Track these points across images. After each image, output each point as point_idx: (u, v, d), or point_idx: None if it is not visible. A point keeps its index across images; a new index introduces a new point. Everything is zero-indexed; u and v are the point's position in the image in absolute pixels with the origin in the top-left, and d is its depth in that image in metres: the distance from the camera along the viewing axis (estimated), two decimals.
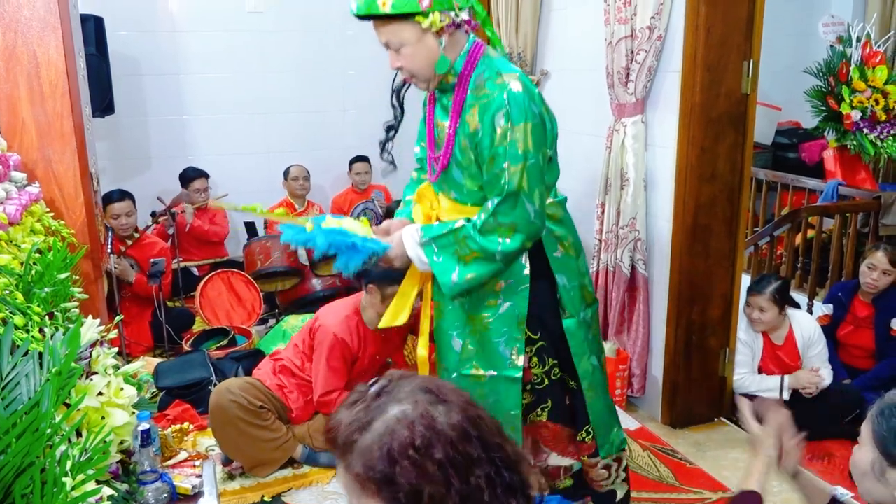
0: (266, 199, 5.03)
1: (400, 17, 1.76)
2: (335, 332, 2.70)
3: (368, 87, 5.44)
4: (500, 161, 1.77)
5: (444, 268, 1.87)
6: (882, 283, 3.31)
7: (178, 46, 5.01)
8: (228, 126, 5.20)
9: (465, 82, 1.85)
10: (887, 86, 4.44)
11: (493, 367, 1.99)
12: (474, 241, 1.83)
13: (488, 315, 1.96)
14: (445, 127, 1.90)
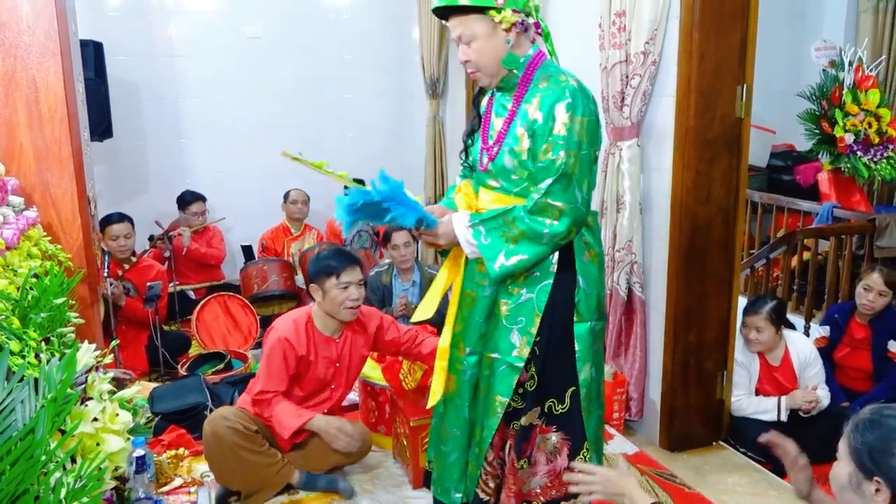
0: (264, 222, 5.06)
1: (475, 10, 1.89)
2: (280, 333, 2.64)
3: (366, 111, 5.48)
4: (557, 148, 1.87)
5: (491, 250, 1.95)
6: (878, 304, 3.32)
7: (177, 71, 5.05)
8: (226, 150, 5.22)
9: (526, 82, 1.96)
10: (880, 109, 4.48)
11: (498, 350, 2.06)
12: (522, 222, 1.91)
13: (509, 302, 2.03)
14: (501, 122, 2.01)
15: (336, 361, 2.73)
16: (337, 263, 2.63)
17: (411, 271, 4.04)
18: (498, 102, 2.05)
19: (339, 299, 2.62)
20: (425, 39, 5.03)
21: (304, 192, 5.02)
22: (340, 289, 2.61)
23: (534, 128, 1.90)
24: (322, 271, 2.63)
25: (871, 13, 5.58)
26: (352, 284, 2.63)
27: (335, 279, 2.61)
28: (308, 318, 2.70)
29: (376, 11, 5.39)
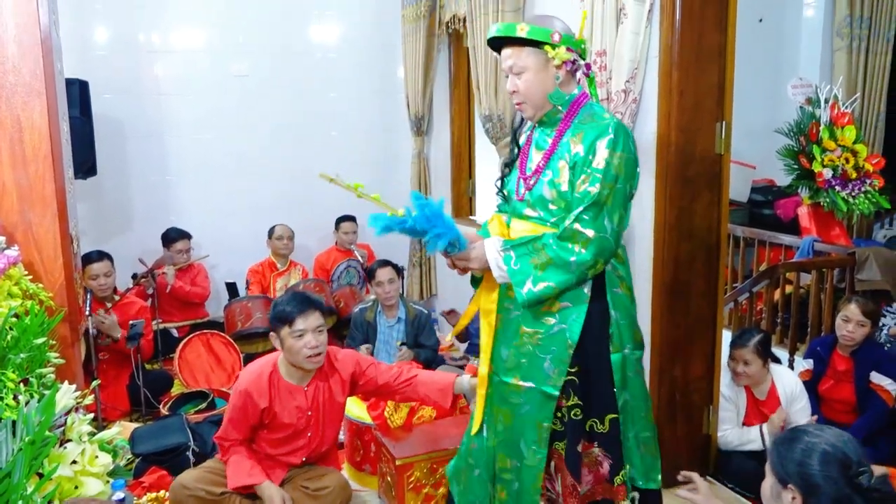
0: (250, 258, 5.05)
1: (532, 43, 1.99)
2: (242, 385, 2.56)
3: (352, 148, 5.52)
4: (593, 180, 1.93)
5: (520, 275, 1.99)
6: (857, 334, 3.35)
7: (163, 109, 5.07)
8: (213, 187, 5.23)
9: (569, 118, 2.04)
10: (856, 145, 4.56)
11: (533, 379, 2.08)
12: (551, 248, 1.96)
13: (542, 332, 2.05)
14: (541, 155, 2.07)
15: (308, 410, 2.61)
16: (290, 310, 2.50)
17: (396, 308, 4.03)
18: (539, 136, 2.12)
19: (295, 348, 2.49)
20: (410, 77, 5.09)
21: (288, 228, 5.02)
22: (295, 337, 2.48)
23: (575, 160, 1.97)
24: (276, 320, 2.52)
25: (845, 52, 5.72)
26: (307, 332, 2.48)
27: (288, 328, 2.48)
28: (273, 367, 2.59)
29: (362, 50, 5.46)
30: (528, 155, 2.14)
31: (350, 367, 2.69)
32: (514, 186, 2.16)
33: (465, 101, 5.10)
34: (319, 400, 2.63)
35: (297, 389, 2.60)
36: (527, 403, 2.09)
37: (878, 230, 6.29)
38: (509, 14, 3.68)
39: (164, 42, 5.05)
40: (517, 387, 2.10)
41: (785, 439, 1.58)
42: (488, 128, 4.01)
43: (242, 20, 5.14)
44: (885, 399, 3.29)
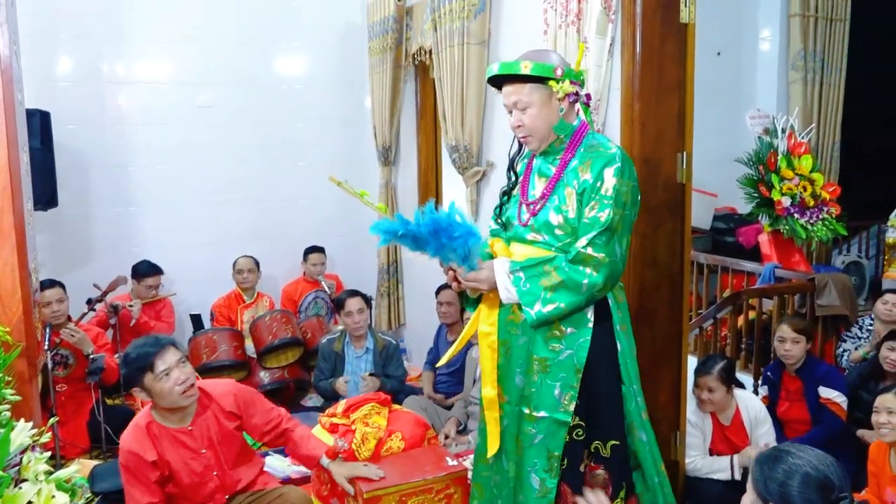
0: (215, 289, 4.99)
1: (535, 79, 2.05)
2: (124, 450, 2.40)
3: (320, 178, 5.48)
4: (603, 206, 2.00)
5: (529, 296, 2.04)
6: (795, 351, 3.45)
7: (127, 139, 5.02)
8: (177, 217, 5.17)
9: (572, 148, 2.11)
10: (813, 174, 4.69)
11: (545, 408, 2.12)
12: (563, 271, 2.01)
13: (549, 358, 2.10)
14: (545, 182, 2.14)
15: (200, 449, 2.48)
16: (146, 353, 2.39)
17: (364, 338, 4.01)
18: (542, 164, 2.19)
19: (166, 390, 2.37)
20: (377, 108, 5.12)
21: (250, 261, 4.97)
22: (161, 379, 2.37)
23: (584, 187, 2.03)
24: (136, 370, 2.38)
25: (800, 83, 5.91)
26: (172, 369, 2.38)
27: (151, 373, 2.37)
28: (149, 419, 2.46)
29: (329, 81, 5.49)
30: (530, 182, 2.20)
31: (229, 401, 2.57)
32: (515, 212, 2.21)
33: (431, 132, 5.14)
34: (209, 434, 2.51)
35: (182, 432, 2.47)
36: (539, 433, 2.13)
37: (836, 256, 6.46)
38: (475, 46, 3.74)
39: (128, 73, 5.01)
40: (531, 417, 2.14)
41: (769, 458, 1.58)
42: (455, 158, 4.04)
43: (208, 51, 5.13)
44: (836, 413, 3.36)
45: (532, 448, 2.15)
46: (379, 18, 4.89)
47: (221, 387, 2.63)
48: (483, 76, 3.80)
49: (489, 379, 2.23)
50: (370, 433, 2.96)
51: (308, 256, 5.22)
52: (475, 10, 3.70)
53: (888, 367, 3.55)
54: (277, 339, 4.34)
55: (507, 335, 2.18)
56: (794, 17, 5.86)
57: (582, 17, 2.84)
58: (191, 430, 2.48)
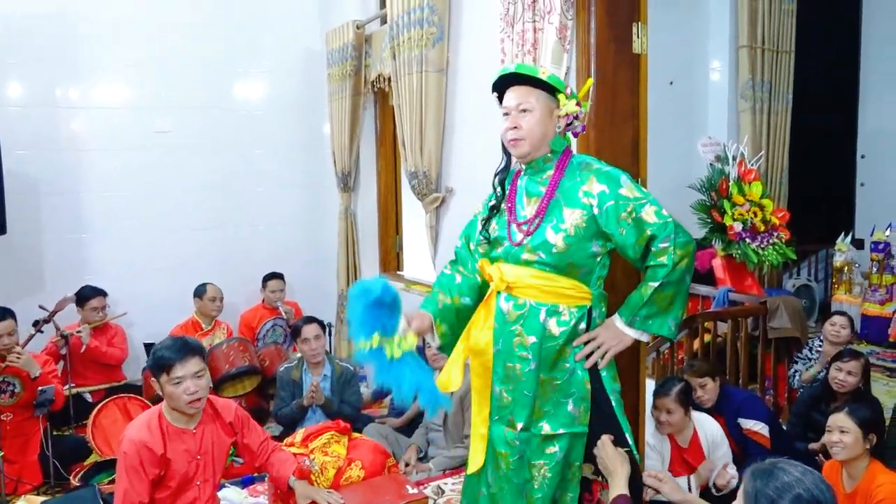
0: (171, 317, 4.89)
1: (547, 88, 2.11)
2: (133, 440, 2.45)
3: (278, 204, 5.49)
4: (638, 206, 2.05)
5: (663, 328, 2.13)
6: (707, 395, 3.46)
7: (81, 165, 4.94)
8: (132, 244, 5.08)
9: (561, 167, 2.15)
10: (763, 200, 4.82)
11: (563, 425, 2.15)
12: (671, 286, 2.07)
13: (559, 377, 2.14)
14: (537, 201, 2.15)
15: (197, 454, 2.56)
16: (169, 357, 2.46)
17: (322, 365, 3.97)
18: (528, 184, 2.20)
19: (175, 395, 2.46)
20: (336, 134, 5.13)
21: (219, 288, 4.90)
22: (174, 384, 2.45)
23: (604, 200, 2.07)
24: (156, 367, 2.49)
25: (750, 112, 6.10)
26: (186, 378, 2.45)
27: (167, 375, 2.45)
28: (159, 415, 2.54)
29: (288, 107, 5.49)
30: (518, 202, 2.20)
31: (231, 414, 2.69)
32: (505, 233, 2.20)
33: (391, 158, 5.16)
34: (208, 443, 2.60)
35: (186, 432, 2.55)
36: (561, 450, 2.16)
37: (787, 280, 6.63)
38: (433, 74, 3.78)
39: (82, 97, 4.94)
40: (549, 436, 2.16)
41: (764, 471, 1.58)
42: (414, 184, 4.06)
43: (165, 76, 5.10)
44: (761, 443, 3.36)
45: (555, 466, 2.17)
46: (338, 46, 4.92)
47: (223, 401, 2.75)
48: (441, 103, 3.85)
49: (481, 396, 2.25)
50: (329, 462, 2.92)
51: (267, 283, 5.16)
52: (433, 39, 3.75)
53: (837, 387, 3.64)
54: (234, 367, 4.27)
55: (516, 359, 2.17)
56: (743, 49, 6.06)
57: (538, 47, 2.91)
58: (194, 432, 2.57)
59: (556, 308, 2.12)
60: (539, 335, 2.12)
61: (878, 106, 7.16)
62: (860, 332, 5.90)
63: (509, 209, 2.21)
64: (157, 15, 5.04)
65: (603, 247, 2.14)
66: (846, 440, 2.71)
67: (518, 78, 2.14)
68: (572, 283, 2.12)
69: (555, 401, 2.14)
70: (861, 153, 7.34)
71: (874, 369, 4.92)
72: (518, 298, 2.15)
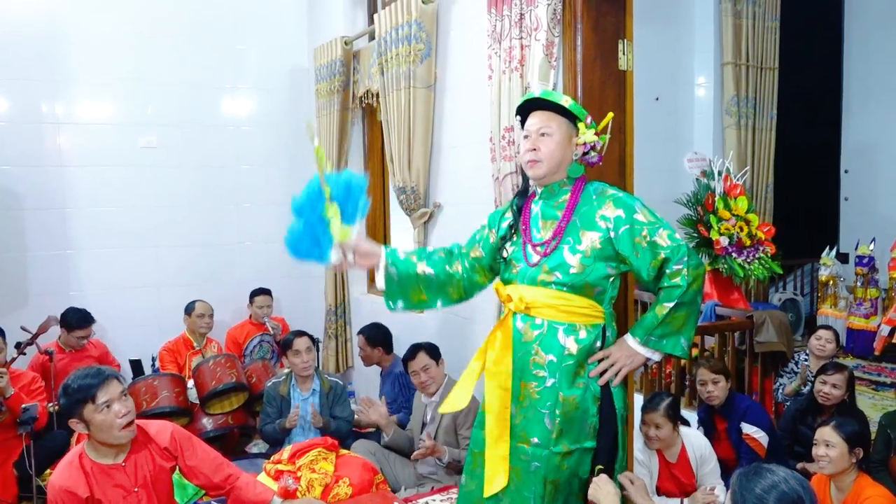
0: (157, 334, 4.86)
1: (568, 115, 2.21)
2: (56, 485, 2.34)
3: (265, 221, 5.47)
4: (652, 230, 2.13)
5: (676, 349, 2.21)
6: (717, 392, 3.53)
7: (66, 181, 4.91)
8: (117, 260, 5.05)
9: (577, 191, 2.24)
10: (748, 214, 4.85)
11: (577, 441, 2.21)
12: (685, 306, 2.15)
13: (577, 395, 2.19)
14: (554, 224, 2.22)
15: (133, 487, 2.43)
16: (89, 384, 2.36)
17: (311, 380, 3.95)
18: (544, 208, 2.27)
19: (107, 423, 2.34)
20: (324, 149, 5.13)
21: (209, 306, 4.86)
22: (103, 411, 2.34)
23: (620, 224, 2.15)
24: (75, 402, 2.34)
25: (734, 128, 6.16)
26: (114, 401, 2.36)
27: (92, 404, 2.34)
28: (81, 455, 2.42)
29: (275, 123, 5.49)
30: (532, 225, 2.27)
31: (166, 438, 2.54)
32: (520, 254, 2.26)
33: (379, 173, 5.17)
34: (144, 473, 2.47)
35: (115, 468, 2.42)
36: (572, 465, 2.22)
37: (773, 294, 6.67)
38: (421, 90, 3.80)
39: (68, 113, 4.92)
40: (568, 453, 2.20)
41: (750, 472, 1.66)
42: (402, 199, 4.06)
43: (152, 92, 5.09)
44: (755, 449, 3.39)
45: (565, 484, 2.22)
46: (326, 62, 4.93)
47: (158, 425, 2.59)
48: (429, 119, 3.86)
49: (498, 418, 2.26)
50: (316, 479, 2.91)
51: (254, 298, 5.14)
52: (421, 55, 3.77)
53: (822, 400, 3.66)
54: (221, 383, 4.23)
55: (533, 378, 2.21)
56: (727, 66, 6.13)
57: (525, 64, 2.93)
58: (124, 465, 2.43)
59: (574, 326, 2.18)
60: (558, 353, 2.18)
61: (860, 122, 7.25)
62: (846, 346, 5.93)
63: (524, 231, 2.28)
64: (144, 31, 5.04)
65: (616, 269, 2.21)
66: (832, 454, 2.72)
67: (541, 103, 2.23)
68: (588, 303, 2.19)
69: (571, 418, 2.19)
70: (845, 168, 7.42)
71: (860, 383, 4.95)
72: (535, 318, 2.21)
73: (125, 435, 2.39)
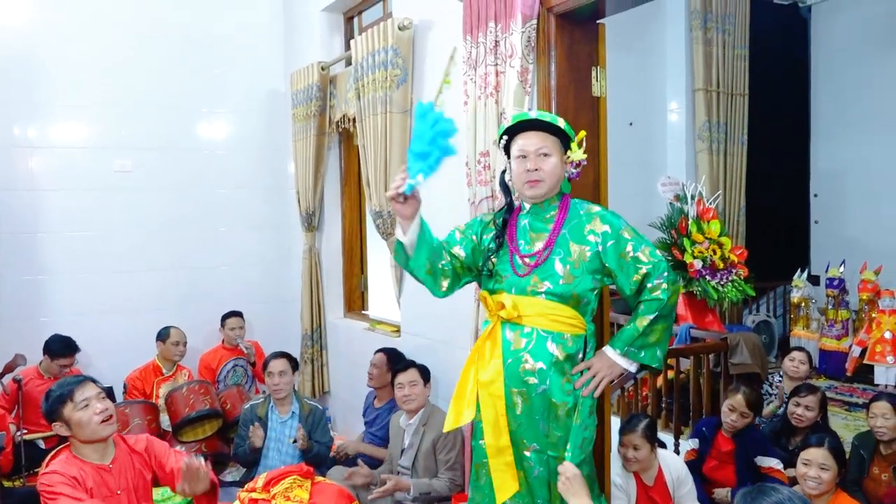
0: (131, 360, 4.78)
1: (563, 136, 2.30)
2: (46, 471, 2.41)
3: (241, 244, 5.44)
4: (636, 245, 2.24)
5: (651, 357, 2.29)
6: (740, 424, 3.52)
7: (38, 205, 4.85)
8: (90, 285, 4.98)
9: (565, 206, 2.33)
10: (721, 238, 4.92)
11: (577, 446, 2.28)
12: (663, 319, 2.24)
13: (568, 402, 2.26)
14: (544, 236, 2.30)
15: (117, 489, 2.50)
16: (67, 387, 2.49)
17: (289, 402, 3.90)
18: (532, 221, 2.35)
19: (85, 419, 2.44)
20: (301, 174, 5.12)
21: (182, 332, 4.79)
22: (82, 409, 2.44)
23: (607, 239, 2.25)
24: (55, 404, 2.47)
25: (707, 153, 6.26)
26: (91, 398, 2.47)
27: (71, 402, 2.45)
28: (69, 455, 2.49)
29: (252, 146, 5.48)
30: (520, 237, 2.35)
31: (143, 445, 2.64)
32: (508, 265, 2.33)
33: (356, 197, 5.17)
34: (127, 478, 2.54)
35: (103, 468, 2.50)
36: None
37: (747, 316, 6.74)
38: (397, 115, 3.82)
39: (41, 136, 4.88)
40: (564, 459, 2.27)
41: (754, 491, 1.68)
42: (379, 223, 4.07)
43: (127, 115, 5.06)
44: (781, 479, 3.39)
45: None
46: (303, 86, 4.95)
47: (135, 436, 2.69)
48: (405, 143, 3.88)
49: (495, 427, 2.31)
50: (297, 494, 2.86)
51: (226, 321, 5.09)
52: (398, 81, 3.79)
53: (796, 421, 3.69)
54: (195, 410, 4.17)
55: (524, 385, 2.27)
56: (699, 92, 6.25)
57: (500, 90, 2.96)
58: (111, 467, 2.50)
59: (562, 335, 2.26)
60: (548, 361, 2.25)
61: (828, 147, 7.42)
62: (818, 367, 6.01)
63: (511, 243, 2.35)
64: (118, 54, 5.02)
65: (600, 282, 2.31)
66: (825, 477, 2.74)
67: (531, 124, 2.30)
68: (573, 314, 2.27)
69: (566, 424, 2.26)
70: (814, 192, 7.57)
71: (833, 404, 5.01)
72: (524, 327, 2.28)
73: (105, 429, 2.46)
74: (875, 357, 5.49)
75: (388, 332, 4.43)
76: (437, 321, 3.73)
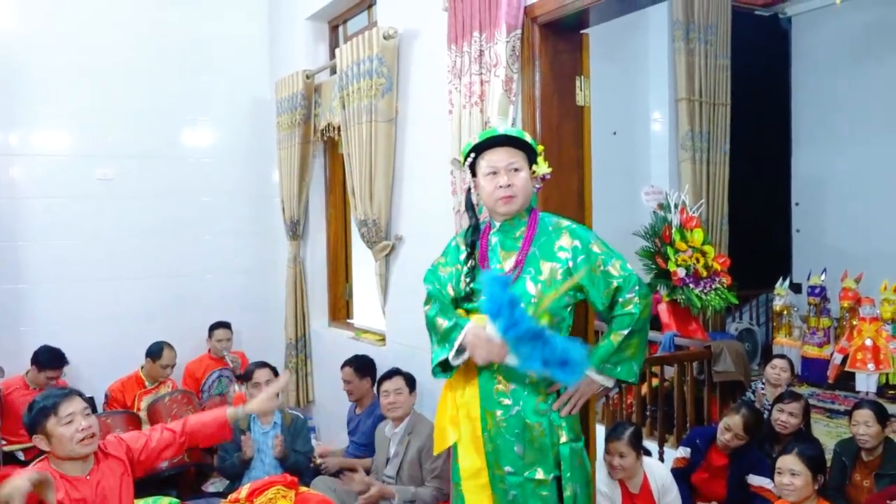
0: (115, 371, 4.73)
1: (530, 151, 2.30)
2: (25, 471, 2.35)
3: (225, 252, 5.41)
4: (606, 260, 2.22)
5: (627, 372, 2.26)
6: (734, 444, 3.52)
7: (19, 213, 4.79)
8: (72, 295, 4.91)
9: (534, 222, 2.31)
10: (704, 246, 4.96)
11: (552, 469, 2.24)
12: (637, 334, 2.22)
13: (542, 423, 2.23)
14: (514, 254, 2.28)
15: (93, 501, 2.46)
16: (52, 400, 2.44)
17: (271, 413, 3.87)
18: (502, 239, 2.33)
19: (67, 435, 2.40)
20: (285, 182, 5.11)
21: (175, 354, 4.73)
22: (65, 424, 2.40)
23: (577, 254, 2.23)
24: (38, 416, 2.42)
25: (689, 162, 6.33)
26: (76, 415, 2.42)
27: (55, 417, 2.40)
28: (46, 465, 2.45)
29: (236, 155, 5.46)
30: (492, 256, 2.33)
31: (122, 448, 2.61)
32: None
33: (341, 206, 5.16)
34: (104, 488, 2.50)
35: (80, 480, 2.46)
36: (552, 493, 2.24)
37: (730, 323, 6.80)
38: (382, 124, 3.82)
39: (21, 144, 4.83)
40: (543, 481, 2.23)
41: None
42: (363, 232, 4.06)
43: (110, 123, 5.02)
44: (770, 499, 3.37)
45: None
46: (287, 94, 4.94)
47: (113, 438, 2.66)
48: (390, 152, 3.88)
49: (470, 448, 2.29)
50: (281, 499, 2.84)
51: (213, 332, 5.05)
52: (383, 90, 3.80)
53: (780, 428, 3.72)
54: None
55: (497, 406, 2.26)
56: (682, 101, 6.32)
57: (485, 99, 2.97)
58: (88, 479, 2.47)
59: None
60: (520, 381, 2.22)
61: (808, 155, 7.51)
62: (801, 375, 6.06)
63: (483, 264, 2.32)
64: (102, 61, 4.98)
65: (573, 297, 2.27)
66: (797, 483, 2.76)
67: (497, 140, 2.28)
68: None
69: (542, 446, 2.23)
70: (796, 201, 7.65)
71: (815, 411, 5.05)
72: None
73: (81, 448, 2.42)
74: (856, 364, 5.55)
75: (373, 340, 4.41)
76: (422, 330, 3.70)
